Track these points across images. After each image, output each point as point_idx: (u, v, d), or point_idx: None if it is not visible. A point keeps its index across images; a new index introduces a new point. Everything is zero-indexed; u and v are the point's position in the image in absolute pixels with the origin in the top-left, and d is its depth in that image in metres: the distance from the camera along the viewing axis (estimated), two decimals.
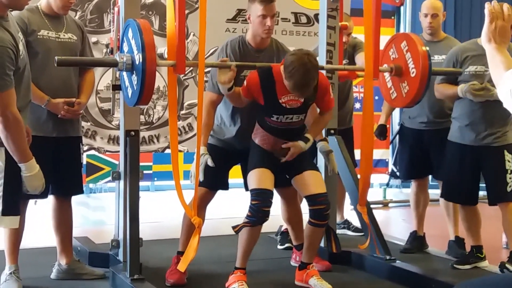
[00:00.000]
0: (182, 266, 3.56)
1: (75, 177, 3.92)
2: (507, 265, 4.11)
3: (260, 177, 3.64)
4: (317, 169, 3.88)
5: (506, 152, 4.15)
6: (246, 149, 3.82)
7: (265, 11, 3.79)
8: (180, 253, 3.88)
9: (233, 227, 3.67)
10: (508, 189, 4.14)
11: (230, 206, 5.52)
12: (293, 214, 4.20)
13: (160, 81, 5.71)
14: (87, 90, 3.90)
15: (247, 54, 3.91)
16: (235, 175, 4.14)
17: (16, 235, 3.66)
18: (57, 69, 3.65)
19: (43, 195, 3.77)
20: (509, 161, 4.15)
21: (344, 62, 4.76)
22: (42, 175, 3.16)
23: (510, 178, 4.14)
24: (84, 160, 5.83)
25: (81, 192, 4.05)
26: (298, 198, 4.22)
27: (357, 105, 6.63)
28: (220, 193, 4.05)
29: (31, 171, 3.10)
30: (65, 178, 3.84)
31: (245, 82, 3.69)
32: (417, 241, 4.77)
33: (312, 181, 3.72)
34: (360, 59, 4.65)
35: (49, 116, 3.72)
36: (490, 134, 4.17)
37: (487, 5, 2.23)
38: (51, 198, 3.88)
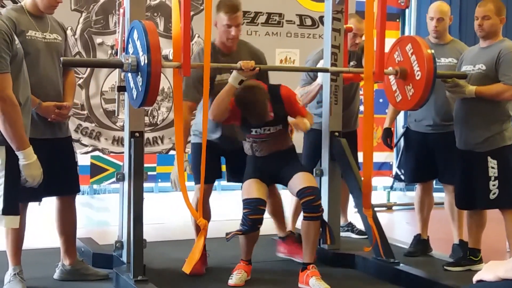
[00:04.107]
0: (187, 268, 3.57)
1: (71, 176, 3.88)
2: None
3: (250, 187, 3.81)
4: (306, 170, 3.97)
5: (489, 159, 4.09)
6: (231, 149, 4.11)
7: (229, 21, 3.95)
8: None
9: (226, 234, 3.84)
10: (492, 197, 4.08)
11: (234, 208, 5.52)
12: (275, 206, 4.30)
13: (165, 82, 5.72)
14: (71, 91, 3.87)
15: (215, 58, 3.98)
16: None
17: (18, 236, 3.65)
18: (46, 70, 3.64)
19: (37, 198, 3.67)
20: (492, 168, 4.07)
21: (352, 63, 4.76)
22: (40, 164, 3.14)
23: (493, 185, 4.07)
24: (88, 161, 5.84)
25: (78, 191, 4.00)
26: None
27: (361, 108, 6.62)
28: (224, 195, 4.07)
29: (29, 159, 3.07)
30: (61, 178, 3.77)
31: None
32: (421, 244, 4.75)
33: (301, 179, 3.84)
34: None
35: (39, 118, 3.67)
36: (473, 138, 4.13)
37: None
38: (55, 200, 3.87)
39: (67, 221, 3.90)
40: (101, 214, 6.57)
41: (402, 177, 6.24)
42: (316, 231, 3.86)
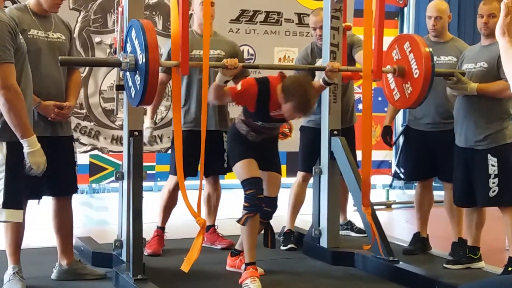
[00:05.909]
0: (186, 267, 3.56)
1: (70, 176, 3.87)
2: (510, 269, 4.09)
3: (248, 167, 3.87)
4: (280, 171, 4.07)
5: (489, 156, 4.08)
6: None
7: None
8: (160, 228, 4.59)
9: (238, 221, 3.83)
10: (491, 194, 4.07)
11: (231, 207, 5.51)
12: (211, 196, 4.73)
13: None
14: (75, 91, 3.86)
15: (193, 41, 4.14)
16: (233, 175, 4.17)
17: (17, 235, 3.64)
18: (47, 69, 3.64)
19: (37, 195, 3.71)
20: (492, 165, 4.07)
21: None
22: (43, 152, 3.17)
23: (493, 182, 4.07)
24: (87, 160, 5.84)
25: (76, 191, 3.98)
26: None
27: (360, 106, 6.61)
28: (222, 194, 4.05)
29: (33, 147, 3.13)
30: (60, 177, 3.77)
31: (239, 87, 3.78)
32: (420, 242, 4.76)
33: (272, 184, 3.99)
34: (361, 57, 4.63)
35: (40, 116, 3.68)
36: (473, 135, 4.13)
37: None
38: (51, 200, 3.86)
39: (63, 222, 3.88)
40: (100, 213, 6.57)
41: (401, 175, 6.23)
42: (260, 230, 4.02)
